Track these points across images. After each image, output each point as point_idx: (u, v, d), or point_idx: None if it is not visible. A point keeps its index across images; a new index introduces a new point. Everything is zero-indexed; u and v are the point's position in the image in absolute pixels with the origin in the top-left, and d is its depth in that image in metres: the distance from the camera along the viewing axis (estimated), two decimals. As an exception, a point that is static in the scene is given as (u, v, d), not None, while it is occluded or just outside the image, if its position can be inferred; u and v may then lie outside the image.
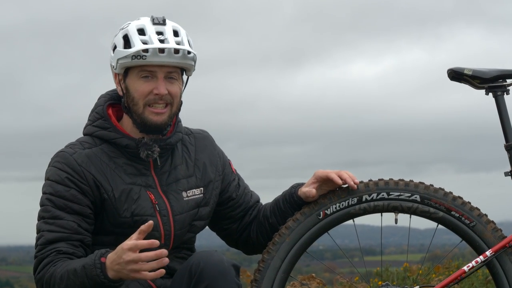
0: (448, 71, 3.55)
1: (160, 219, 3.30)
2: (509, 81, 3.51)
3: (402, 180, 3.43)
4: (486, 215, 3.43)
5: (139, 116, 3.30)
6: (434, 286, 3.40)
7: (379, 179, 3.43)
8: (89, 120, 3.40)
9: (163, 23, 3.29)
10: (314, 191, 3.41)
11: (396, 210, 3.42)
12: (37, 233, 3.25)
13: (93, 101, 3.43)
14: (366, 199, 3.40)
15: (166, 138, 3.36)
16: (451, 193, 3.43)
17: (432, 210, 3.40)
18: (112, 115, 3.37)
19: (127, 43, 3.26)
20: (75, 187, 3.24)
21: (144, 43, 3.23)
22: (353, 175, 3.42)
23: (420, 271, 7.65)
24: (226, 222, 3.60)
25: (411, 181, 3.42)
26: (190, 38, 3.32)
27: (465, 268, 3.38)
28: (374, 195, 3.40)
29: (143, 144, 3.31)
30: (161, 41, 3.24)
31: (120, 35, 3.29)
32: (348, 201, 3.40)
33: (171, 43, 3.24)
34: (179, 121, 3.45)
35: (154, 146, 3.31)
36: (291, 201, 3.49)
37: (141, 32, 3.26)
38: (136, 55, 3.22)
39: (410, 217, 3.45)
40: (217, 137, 3.61)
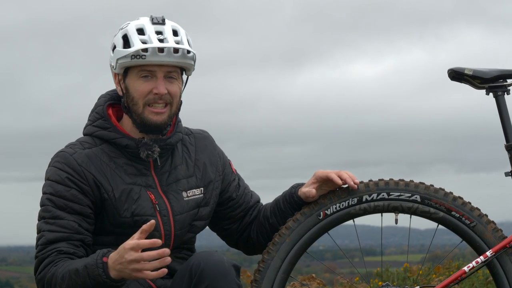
0: (448, 71, 3.55)
1: (160, 219, 3.30)
2: (509, 81, 3.50)
3: (403, 180, 3.43)
4: (487, 215, 3.42)
5: (138, 116, 3.29)
6: (435, 287, 3.39)
7: (379, 179, 3.42)
8: (89, 120, 3.40)
9: (163, 22, 3.29)
10: (314, 191, 3.40)
11: (397, 210, 3.41)
12: (37, 233, 3.25)
13: (93, 101, 3.43)
14: (366, 199, 3.40)
15: (166, 138, 3.35)
16: (451, 193, 3.43)
17: (432, 210, 3.40)
18: (112, 115, 3.37)
19: (126, 43, 3.26)
20: (75, 187, 3.24)
21: (144, 42, 3.23)
22: (353, 175, 3.42)
23: (421, 272, 7.65)
24: (226, 222, 3.59)
25: (411, 181, 3.42)
26: (189, 38, 3.32)
27: (466, 269, 3.38)
28: (374, 195, 3.40)
29: (143, 144, 3.30)
30: (161, 40, 3.24)
31: (120, 35, 3.29)
32: (348, 201, 3.40)
33: (170, 42, 3.23)
34: (179, 121, 3.45)
35: (154, 146, 3.31)
36: (291, 201, 3.49)
37: (141, 32, 3.26)
38: (136, 55, 3.22)
39: (411, 218, 3.45)
40: (217, 137, 3.60)
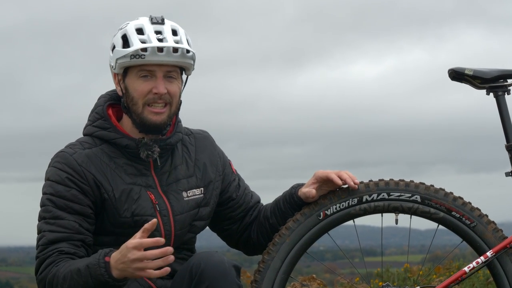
0: (449, 71, 3.54)
1: (160, 219, 3.29)
2: (510, 81, 3.50)
3: (403, 180, 3.42)
4: (487, 216, 3.42)
5: (138, 116, 3.29)
6: (435, 287, 3.39)
7: (379, 180, 3.42)
8: (89, 121, 3.39)
9: (162, 22, 3.28)
10: (314, 191, 3.40)
11: (397, 210, 3.41)
12: (38, 234, 3.24)
13: (93, 102, 3.43)
14: (366, 199, 3.39)
15: (166, 138, 3.35)
16: (451, 193, 3.42)
17: (432, 210, 3.40)
18: (112, 115, 3.37)
19: (125, 42, 3.26)
20: (75, 187, 3.23)
21: (143, 42, 3.23)
22: (353, 175, 3.41)
23: (421, 272, 7.64)
24: (226, 222, 3.59)
25: (412, 181, 3.41)
26: (189, 37, 3.32)
27: (466, 269, 3.38)
28: (375, 196, 3.39)
29: (143, 144, 3.30)
30: (160, 40, 3.23)
31: (119, 35, 3.29)
32: (348, 201, 3.40)
33: (169, 42, 3.23)
34: (179, 121, 3.44)
35: (154, 146, 3.31)
36: (291, 201, 3.48)
37: (140, 31, 3.26)
38: (135, 55, 3.22)
39: (411, 218, 3.45)
40: (217, 138, 3.60)
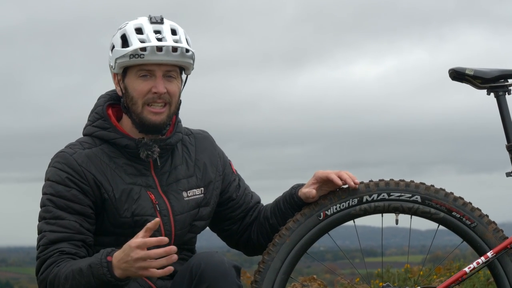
0: (449, 71, 3.54)
1: (160, 219, 3.29)
2: (510, 81, 3.50)
3: (403, 180, 3.42)
4: (487, 216, 3.41)
5: (137, 116, 3.29)
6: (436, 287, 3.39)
7: (379, 180, 3.42)
8: (88, 121, 3.39)
9: (161, 22, 3.28)
10: (314, 191, 3.40)
11: (397, 211, 3.40)
12: (38, 234, 3.24)
13: (93, 102, 3.43)
14: (366, 199, 3.39)
15: (166, 138, 3.35)
16: (452, 193, 3.42)
17: (433, 210, 3.39)
18: (112, 116, 3.37)
19: (125, 42, 3.26)
20: (75, 187, 3.23)
21: (142, 41, 3.23)
22: (353, 175, 3.41)
23: (421, 272, 7.63)
24: (226, 223, 3.59)
25: (412, 181, 3.41)
26: (188, 37, 3.32)
27: (466, 269, 3.37)
28: (375, 196, 3.39)
29: (143, 144, 3.30)
30: (159, 39, 3.23)
31: (118, 35, 3.29)
32: (348, 202, 3.39)
33: (168, 41, 3.23)
34: (179, 121, 3.44)
35: (154, 146, 3.31)
36: (291, 202, 3.48)
37: (139, 31, 3.26)
38: (134, 54, 3.22)
39: (411, 218, 3.44)
40: (218, 138, 3.60)
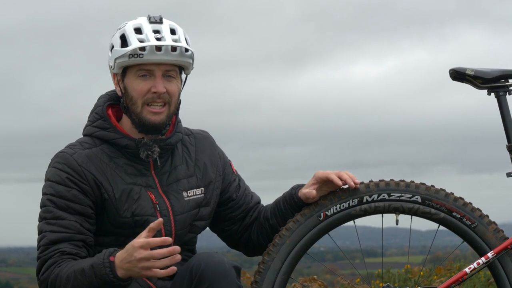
0: (450, 71, 3.54)
1: (160, 219, 3.29)
2: (511, 81, 3.49)
3: (403, 181, 3.41)
4: (488, 216, 3.41)
5: (137, 116, 3.29)
6: (436, 288, 3.39)
7: (380, 180, 3.41)
8: (88, 121, 3.39)
9: (160, 21, 3.28)
10: (314, 192, 3.39)
11: (397, 211, 3.40)
12: (38, 234, 3.23)
13: (93, 102, 3.43)
14: (367, 200, 3.39)
15: (166, 138, 3.35)
16: (452, 194, 3.41)
17: (433, 211, 3.39)
18: (112, 116, 3.37)
19: (124, 42, 3.26)
20: (76, 187, 3.23)
21: (141, 41, 3.23)
22: (353, 175, 3.40)
23: (422, 273, 7.63)
24: (226, 223, 3.59)
25: (412, 182, 3.40)
26: (187, 36, 3.32)
27: (467, 270, 3.37)
28: (375, 196, 3.39)
29: (143, 144, 3.30)
30: (158, 39, 3.23)
31: (117, 35, 3.29)
32: (348, 202, 3.39)
33: (168, 40, 3.23)
34: (179, 121, 3.44)
35: (154, 146, 3.30)
36: (292, 202, 3.47)
37: (138, 31, 3.26)
38: (133, 54, 3.22)
39: (411, 218, 3.44)
40: (218, 138, 3.60)
